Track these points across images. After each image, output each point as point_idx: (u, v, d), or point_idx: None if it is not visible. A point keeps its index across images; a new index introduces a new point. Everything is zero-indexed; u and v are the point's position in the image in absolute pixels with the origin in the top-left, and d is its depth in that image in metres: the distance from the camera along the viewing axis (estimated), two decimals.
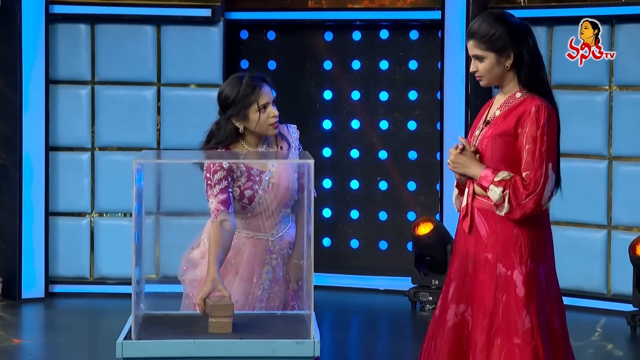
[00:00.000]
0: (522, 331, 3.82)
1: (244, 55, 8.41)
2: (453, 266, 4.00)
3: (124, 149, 7.89)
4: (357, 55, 8.35)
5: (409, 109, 8.30)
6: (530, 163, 3.83)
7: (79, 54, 7.85)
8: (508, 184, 3.83)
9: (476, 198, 3.93)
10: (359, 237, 8.42)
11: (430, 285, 7.49)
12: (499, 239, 3.87)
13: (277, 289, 4.29)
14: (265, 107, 4.22)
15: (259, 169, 4.23)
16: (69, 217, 7.90)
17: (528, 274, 3.85)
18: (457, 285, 3.96)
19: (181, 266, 4.33)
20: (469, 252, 3.93)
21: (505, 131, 3.88)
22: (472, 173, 3.90)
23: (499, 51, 3.88)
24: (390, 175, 8.36)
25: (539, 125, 3.84)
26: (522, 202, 3.82)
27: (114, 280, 7.82)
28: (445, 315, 3.96)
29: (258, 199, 4.22)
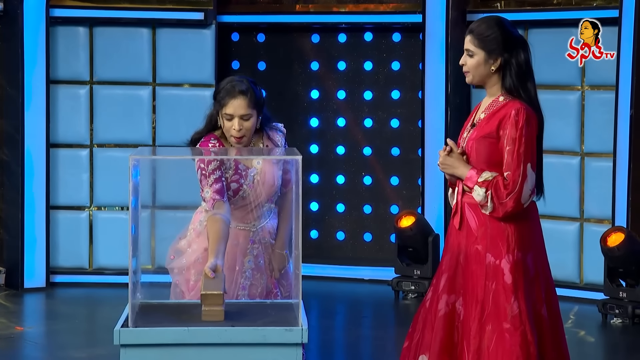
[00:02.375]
0: (511, 316, 3.84)
1: (235, 56, 8.39)
2: (444, 259, 4.02)
3: (121, 146, 7.87)
4: (342, 57, 8.34)
5: (392, 108, 8.30)
6: (510, 163, 3.85)
7: (77, 55, 7.83)
8: (490, 184, 3.85)
9: (466, 194, 3.95)
10: (345, 229, 8.42)
11: (412, 275, 7.49)
12: (488, 230, 3.90)
13: (258, 277, 4.27)
14: (229, 118, 4.16)
15: (245, 165, 4.22)
16: (69, 210, 7.88)
17: (515, 262, 3.87)
18: (448, 277, 3.97)
19: (168, 255, 4.32)
20: (460, 245, 3.95)
21: (488, 133, 3.89)
22: (458, 174, 3.93)
23: (489, 52, 3.91)
24: (374, 170, 8.36)
25: (518, 127, 3.86)
26: (503, 201, 3.84)
27: (112, 270, 7.80)
28: (437, 305, 3.97)
29: (242, 193, 4.20)
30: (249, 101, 4.15)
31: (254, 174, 4.22)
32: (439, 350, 3.92)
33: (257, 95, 4.19)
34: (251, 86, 4.19)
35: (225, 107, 4.16)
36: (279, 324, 3.58)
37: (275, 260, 4.29)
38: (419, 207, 7.91)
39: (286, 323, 3.60)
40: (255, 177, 4.22)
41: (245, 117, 4.16)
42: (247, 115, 4.16)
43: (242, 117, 4.16)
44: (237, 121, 4.15)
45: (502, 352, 3.82)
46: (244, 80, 4.20)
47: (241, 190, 4.20)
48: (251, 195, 4.20)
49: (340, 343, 6.65)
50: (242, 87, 4.16)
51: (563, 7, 7.17)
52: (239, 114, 4.15)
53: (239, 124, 4.15)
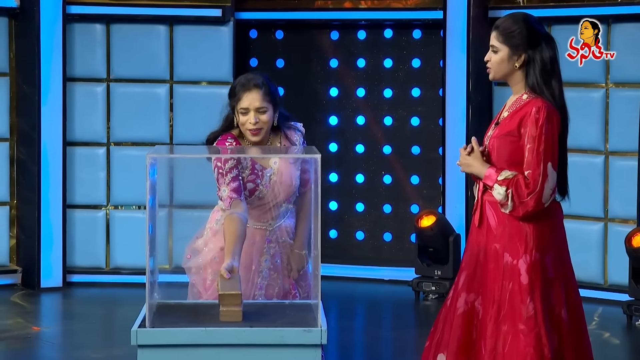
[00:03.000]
0: (525, 317, 3.83)
1: (253, 53, 8.40)
2: (465, 256, 4.03)
3: (138, 144, 7.89)
4: (362, 54, 8.34)
5: (412, 106, 8.29)
6: (531, 162, 3.85)
7: (94, 53, 7.85)
8: (511, 183, 3.85)
9: (487, 191, 3.95)
10: (364, 229, 8.42)
11: (433, 276, 7.48)
12: (506, 229, 3.89)
13: (275, 277, 4.27)
14: (244, 112, 4.18)
15: (262, 165, 4.22)
16: (86, 209, 7.91)
17: (532, 262, 3.86)
18: (467, 274, 3.98)
19: (185, 255, 4.33)
20: (480, 243, 3.95)
21: (510, 131, 3.90)
22: (476, 172, 3.93)
23: (513, 48, 3.90)
24: (394, 169, 8.35)
25: (538, 125, 3.85)
26: (523, 200, 3.83)
27: (129, 270, 7.83)
28: (456, 303, 3.97)
29: (258, 193, 4.20)
30: (264, 94, 4.16)
31: (270, 174, 4.22)
32: (456, 349, 3.92)
33: (272, 89, 4.21)
34: (266, 80, 4.20)
35: (240, 102, 4.17)
36: (297, 325, 3.59)
37: (294, 260, 4.29)
38: (440, 207, 7.90)
39: (305, 324, 3.60)
40: (272, 177, 4.22)
41: (261, 110, 4.17)
42: (263, 108, 4.16)
43: (258, 109, 4.16)
44: (252, 114, 4.16)
45: (516, 353, 3.82)
46: (258, 76, 4.22)
47: (257, 190, 4.20)
48: (268, 195, 4.20)
49: (360, 344, 6.65)
50: (257, 81, 4.18)
51: (587, 3, 7.15)
52: (255, 107, 4.16)
53: (255, 116, 4.16)
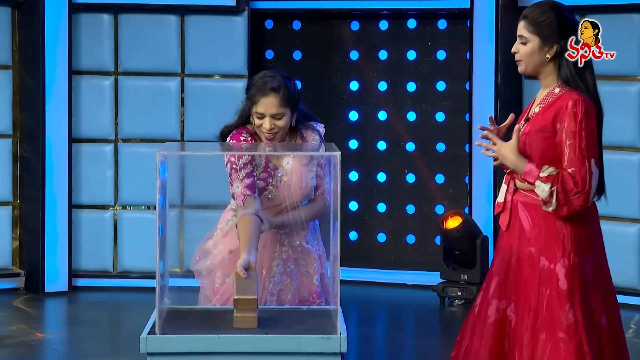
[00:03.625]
0: (565, 325, 3.81)
1: (269, 45, 8.40)
2: (495, 261, 4.00)
3: (147, 141, 7.90)
4: (383, 45, 8.32)
5: (437, 100, 8.27)
6: (574, 159, 3.81)
7: (101, 44, 7.87)
8: (556, 179, 3.81)
9: (519, 192, 3.92)
10: (386, 230, 8.41)
11: (459, 280, 7.46)
12: (542, 232, 3.87)
13: (288, 282, 4.26)
14: (260, 117, 4.17)
15: (275, 164, 4.22)
16: (92, 209, 7.92)
17: (571, 266, 3.83)
18: (499, 281, 3.95)
19: (194, 256, 4.33)
20: (512, 246, 3.93)
21: (543, 127, 3.86)
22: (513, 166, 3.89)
23: (544, 39, 3.88)
24: (417, 167, 8.34)
25: (577, 120, 3.82)
26: (570, 198, 3.80)
27: (138, 273, 7.84)
28: (486, 311, 3.94)
29: (267, 193, 4.20)
30: (281, 99, 4.14)
31: (281, 175, 4.22)
32: None
33: (291, 92, 4.17)
34: (285, 82, 4.17)
35: (255, 105, 4.16)
36: (316, 332, 3.58)
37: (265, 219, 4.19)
38: (466, 207, 7.88)
39: (324, 331, 3.59)
40: (283, 177, 4.21)
41: (278, 116, 4.15)
42: (279, 114, 4.15)
43: (274, 116, 4.15)
44: (268, 120, 4.15)
45: None
46: (277, 76, 4.18)
47: (267, 190, 4.20)
48: (278, 196, 4.19)
49: (381, 352, 6.64)
50: (274, 84, 4.15)
51: None
52: (270, 113, 4.15)
53: (270, 123, 4.15)
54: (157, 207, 3.65)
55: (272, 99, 4.14)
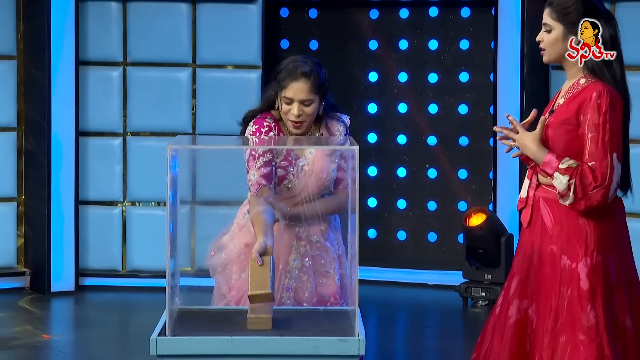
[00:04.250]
0: (586, 327, 3.80)
1: (284, 34, 8.40)
2: (516, 259, 4.00)
3: (157, 134, 7.92)
4: (404, 34, 8.32)
5: (460, 92, 8.26)
6: (595, 153, 3.80)
7: (109, 34, 7.88)
8: (575, 172, 3.80)
9: (541, 187, 3.92)
10: (406, 228, 8.40)
11: (483, 280, 7.46)
12: (564, 229, 3.86)
13: (305, 279, 4.26)
14: (288, 102, 4.20)
15: (297, 154, 4.23)
16: (100, 206, 7.94)
17: (593, 266, 3.83)
18: (520, 280, 3.95)
19: (208, 252, 4.34)
20: (533, 244, 3.92)
21: (567, 119, 3.86)
22: (533, 156, 3.88)
23: (569, 26, 3.87)
24: (439, 162, 8.33)
25: (601, 112, 3.81)
26: (588, 193, 3.80)
27: (147, 273, 7.86)
28: (507, 311, 3.95)
29: (287, 182, 4.22)
30: (312, 85, 4.18)
31: (303, 164, 4.24)
32: None
33: (321, 79, 4.21)
34: (315, 68, 4.21)
35: (284, 90, 4.19)
36: (332, 334, 3.58)
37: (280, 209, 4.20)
38: (490, 204, 7.87)
39: (341, 332, 3.59)
40: (304, 167, 4.23)
41: (307, 103, 4.19)
42: (309, 101, 4.19)
43: (303, 102, 4.19)
44: (296, 106, 4.18)
45: None
46: (308, 61, 4.22)
47: (286, 179, 4.22)
48: (297, 186, 4.21)
49: (401, 355, 6.64)
50: (305, 69, 4.18)
51: None
52: (300, 99, 4.18)
53: (298, 109, 4.18)
54: (168, 203, 3.66)
55: (302, 84, 4.18)
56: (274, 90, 4.25)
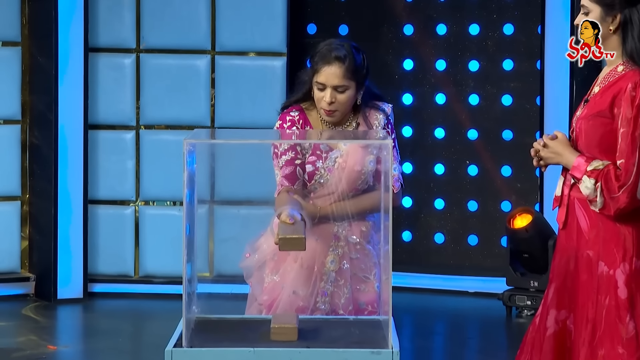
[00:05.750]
0: (625, 339, 3.80)
1: (312, 18, 8.41)
2: (553, 265, 4.01)
3: (173, 128, 7.94)
4: (442, 18, 8.30)
5: (504, 81, 8.25)
6: (624, 149, 3.80)
7: (122, 17, 7.91)
8: (601, 174, 3.81)
9: (577, 186, 3.91)
10: (445, 230, 8.39)
11: (529, 288, 7.44)
12: (600, 233, 3.86)
13: (342, 284, 4.28)
14: (321, 88, 4.23)
15: (329, 146, 4.25)
16: (111, 205, 7.97)
17: (632, 272, 3.82)
18: (557, 287, 3.95)
19: (243, 253, 4.36)
20: (569, 248, 3.92)
21: (600, 111, 3.86)
22: (564, 162, 3.90)
23: (606, 8, 3.88)
24: (481, 158, 8.32)
25: (634, 105, 3.81)
26: (614, 195, 3.79)
27: (162, 278, 7.88)
28: (545, 322, 3.94)
29: (319, 177, 4.24)
30: (346, 70, 4.21)
31: (336, 157, 4.25)
32: None
33: (358, 64, 4.25)
34: (352, 52, 4.25)
35: (317, 74, 4.23)
36: (364, 345, 3.58)
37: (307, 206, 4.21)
38: (537, 204, 7.85)
39: (373, 344, 3.60)
40: (338, 160, 4.24)
41: (340, 89, 4.22)
42: (342, 87, 4.22)
43: (336, 88, 4.21)
44: (329, 92, 4.21)
45: None
46: (344, 45, 4.26)
47: (317, 174, 4.23)
48: (331, 181, 4.22)
49: None
50: (340, 53, 4.22)
51: None
52: (332, 84, 4.21)
53: (331, 95, 4.21)
54: (185, 202, 3.67)
55: (335, 69, 4.21)
56: (308, 75, 4.28)
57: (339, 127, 4.31)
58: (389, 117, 4.38)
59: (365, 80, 4.29)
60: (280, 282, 4.24)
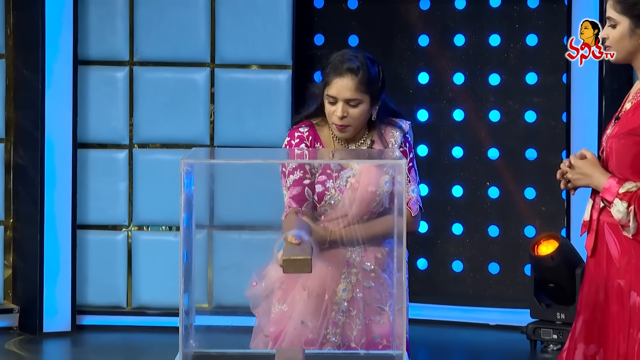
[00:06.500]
0: None
1: (319, 28, 8.42)
2: (581, 296, 4.00)
3: (169, 146, 7.94)
4: (460, 28, 8.32)
5: (527, 96, 8.25)
6: None
7: (114, 28, 7.92)
8: (634, 197, 3.81)
9: (606, 209, 3.91)
10: (463, 257, 8.39)
11: (555, 320, 7.42)
12: (632, 260, 3.86)
13: (355, 314, 4.27)
14: (332, 101, 4.25)
15: (340, 164, 4.26)
16: (102, 230, 7.97)
17: None
18: (585, 320, 3.95)
19: (250, 281, 4.36)
20: (598, 277, 3.92)
21: (633, 129, 3.87)
22: (595, 184, 3.90)
23: (635, 19, 3.88)
24: (502, 179, 8.31)
25: None
26: None
27: (157, 310, 7.87)
28: (572, 356, 3.94)
29: (328, 198, 4.24)
30: (359, 82, 4.23)
31: (348, 176, 4.25)
32: None
33: (372, 76, 4.27)
34: (367, 63, 4.28)
35: (328, 87, 4.26)
36: None
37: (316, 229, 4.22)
38: (563, 229, 7.84)
39: None
40: (350, 179, 4.25)
41: (353, 103, 4.24)
42: (355, 101, 4.24)
43: (348, 101, 4.23)
44: (341, 106, 4.23)
45: None
46: (358, 55, 4.29)
47: (327, 194, 4.24)
48: (343, 202, 4.22)
49: None
50: (353, 64, 4.24)
51: None
52: (344, 97, 4.23)
53: (342, 109, 4.23)
54: (181, 227, 3.67)
55: (347, 81, 4.23)
56: (320, 88, 4.29)
57: (352, 144, 4.32)
58: (407, 134, 4.39)
59: (381, 94, 4.31)
60: (288, 311, 4.24)
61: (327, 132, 4.34)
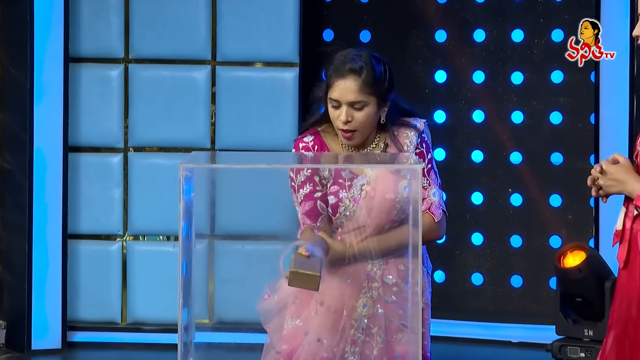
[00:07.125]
0: None
1: (328, 23, 8.42)
2: (612, 310, 4.00)
3: (167, 150, 7.95)
4: (480, 23, 8.32)
5: (552, 96, 8.25)
6: None
7: (108, 23, 7.93)
8: None
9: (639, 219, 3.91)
10: (484, 269, 8.38)
11: (582, 337, 7.41)
12: None
13: (375, 332, 4.27)
14: (336, 105, 4.25)
15: (353, 172, 4.25)
16: (95, 240, 7.98)
17: None
18: (617, 336, 3.95)
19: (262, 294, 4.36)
20: (632, 290, 3.92)
21: None
22: (629, 190, 3.89)
23: None
24: (526, 185, 8.31)
25: None
26: None
27: (154, 326, 7.88)
28: None
29: (343, 209, 4.23)
30: (362, 84, 4.23)
31: (362, 184, 4.24)
32: None
33: (377, 76, 4.26)
34: (371, 62, 4.27)
35: (331, 90, 4.27)
36: None
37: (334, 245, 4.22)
38: (591, 239, 7.83)
39: None
40: (365, 187, 4.23)
41: (357, 106, 4.23)
42: (360, 103, 4.23)
43: (352, 104, 4.23)
44: (344, 110, 4.23)
45: None
46: (362, 55, 4.28)
47: (341, 205, 4.23)
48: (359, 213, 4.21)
49: None
50: (355, 64, 4.24)
51: None
52: (347, 100, 4.22)
53: (347, 113, 4.23)
54: (180, 237, 3.67)
55: (350, 83, 4.23)
56: (323, 91, 4.29)
57: (362, 150, 4.31)
58: (423, 134, 4.38)
59: (389, 94, 4.29)
60: (303, 327, 4.24)
61: (335, 140, 4.33)
